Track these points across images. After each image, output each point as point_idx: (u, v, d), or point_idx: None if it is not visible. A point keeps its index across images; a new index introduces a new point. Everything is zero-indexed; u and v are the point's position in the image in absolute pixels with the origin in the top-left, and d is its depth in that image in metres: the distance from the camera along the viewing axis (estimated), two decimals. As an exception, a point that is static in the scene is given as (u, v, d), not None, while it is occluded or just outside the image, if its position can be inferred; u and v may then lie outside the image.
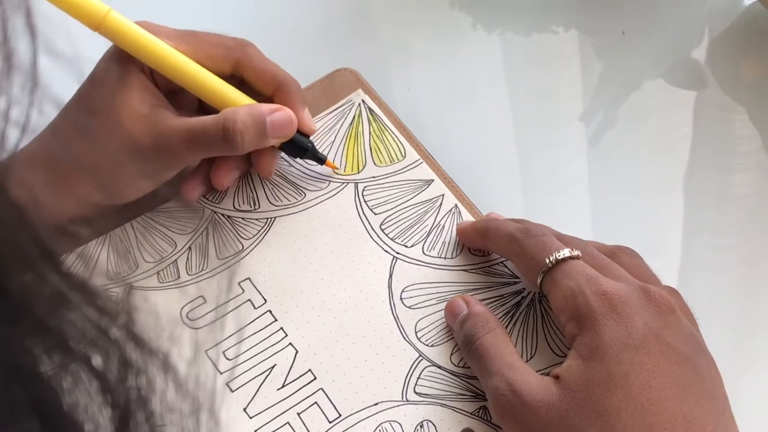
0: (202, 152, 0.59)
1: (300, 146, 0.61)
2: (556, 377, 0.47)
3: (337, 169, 0.63)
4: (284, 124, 0.59)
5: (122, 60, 0.58)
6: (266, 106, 0.59)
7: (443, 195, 0.61)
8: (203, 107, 0.62)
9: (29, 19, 0.23)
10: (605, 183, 0.65)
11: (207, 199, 0.63)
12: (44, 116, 0.24)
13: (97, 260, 0.60)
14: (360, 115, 0.66)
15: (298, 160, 0.63)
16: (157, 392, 0.27)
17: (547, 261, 0.51)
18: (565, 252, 0.51)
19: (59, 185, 0.57)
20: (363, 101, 0.66)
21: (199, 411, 0.29)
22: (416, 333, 0.56)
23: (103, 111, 0.58)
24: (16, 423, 0.23)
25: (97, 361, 0.25)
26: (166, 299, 0.58)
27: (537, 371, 0.50)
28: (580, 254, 0.51)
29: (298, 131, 0.61)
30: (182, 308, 0.58)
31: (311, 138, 0.62)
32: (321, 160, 0.62)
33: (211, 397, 0.29)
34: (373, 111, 0.66)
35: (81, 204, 0.58)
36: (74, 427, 0.25)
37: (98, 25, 0.56)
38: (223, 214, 0.62)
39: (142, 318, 0.26)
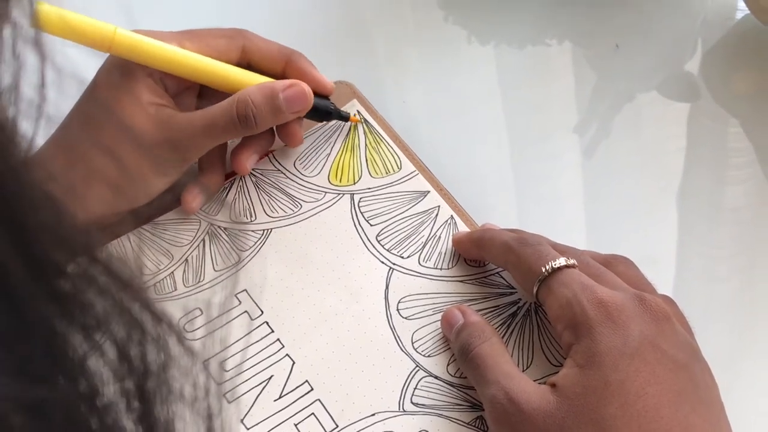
0: (220, 136, 0.60)
1: (324, 111, 0.63)
2: (553, 385, 0.47)
3: (360, 122, 0.66)
4: (298, 98, 0.61)
5: (127, 69, 0.59)
6: (279, 83, 0.61)
7: (439, 206, 0.62)
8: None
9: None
10: (600, 194, 0.65)
11: (203, 210, 0.63)
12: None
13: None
14: (355, 127, 0.66)
15: (295, 167, 0.64)
16: (175, 364, 0.27)
17: (543, 270, 0.51)
18: (561, 261, 0.51)
19: (71, 192, 0.57)
20: (358, 112, 0.66)
21: (209, 395, 0.29)
22: (413, 343, 0.56)
23: (112, 116, 0.59)
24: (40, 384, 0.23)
25: (120, 335, 0.25)
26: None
27: (533, 381, 0.50)
28: (576, 263, 0.51)
29: (318, 95, 0.62)
30: (179, 320, 0.58)
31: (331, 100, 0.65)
32: (345, 118, 0.65)
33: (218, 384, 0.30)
34: (368, 122, 0.66)
35: (95, 209, 0.58)
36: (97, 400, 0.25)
37: (109, 47, 0.58)
38: (219, 226, 0.62)
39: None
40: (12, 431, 0.22)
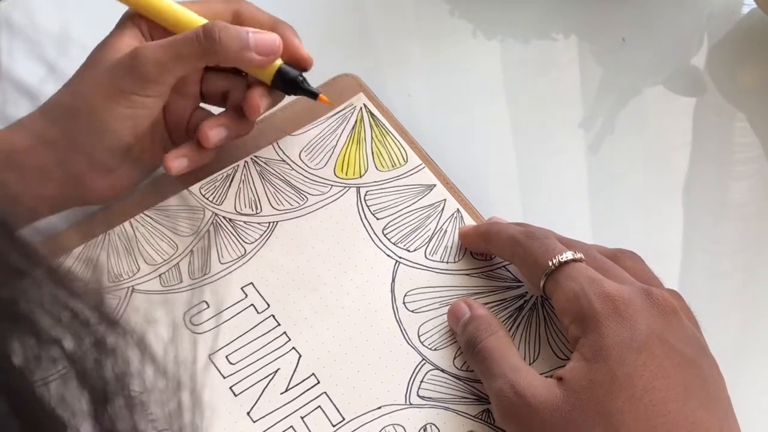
0: (182, 60, 0.58)
1: (290, 79, 0.62)
2: (560, 379, 0.47)
3: (332, 104, 0.64)
4: (268, 41, 0.60)
5: (121, 20, 0.61)
6: (249, 28, 0.60)
7: (445, 200, 0.62)
8: (205, 97, 0.64)
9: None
10: (605, 189, 0.65)
11: (207, 199, 0.63)
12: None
13: (98, 261, 0.60)
14: (362, 119, 0.66)
15: (300, 159, 0.64)
16: (134, 373, 0.27)
17: (550, 263, 0.51)
18: (568, 254, 0.51)
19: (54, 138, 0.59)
20: (364, 105, 0.66)
21: (179, 391, 0.29)
22: (419, 337, 0.56)
23: (91, 57, 0.60)
24: None
25: (69, 344, 0.25)
26: (169, 303, 0.59)
27: (541, 374, 0.50)
28: (583, 257, 0.51)
29: (289, 64, 0.62)
30: (185, 313, 0.58)
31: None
32: (314, 94, 0.62)
33: (192, 377, 0.29)
34: (374, 115, 0.66)
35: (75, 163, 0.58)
36: (48, 415, 0.25)
37: None
38: (224, 217, 0.62)
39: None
40: None
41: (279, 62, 0.61)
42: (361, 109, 0.66)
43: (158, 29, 0.62)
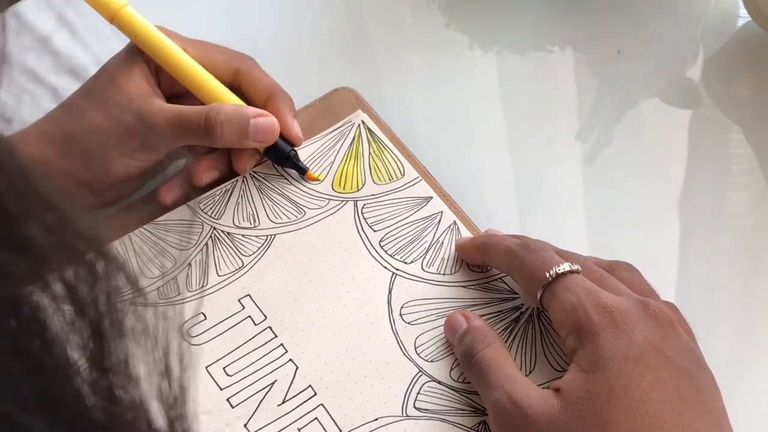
0: (184, 137, 0.61)
1: (282, 153, 0.63)
2: (557, 390, 0.47)
3: (318, 180, 0.64)
4: (266, 128, 0.62)
5: (132, 54, 0.63)
6: (252, 110, 0.62)
7: (442, 212, 0.62)
8: None
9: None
10: (601, 200, 0.66)
11: (206, 214, 0.63)
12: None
13: None
14: (360, 135, 0.66)
15: (297, 175, 0.64)
16: (129, 307, 0.27)
17: (547, 275, 0.51)
18: (565, 266, 0.51)
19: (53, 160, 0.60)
20: (363, 122, 0.66)
21: (168, 340, 0.29)
22: (416, 348, 0.56)
23: (99, 90, 0.62)
24: None
25: (67, 271, 0.25)
26: (166, 316, 0.58)
27: (537, 386, 0.50)
28: (580, 268, 0.51)
29: (284, 138, 0.63)
30: (182, 325, 0.58)
31: (299, 149, 0.65)
32: (302, 170, 0.64)
33: (179, 330, 0.30)
34: (372, 131, 0.66)
35: (68, 179, 0.59)
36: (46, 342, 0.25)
37: (113, 17, 0.62)
38: (222, 231, 0.62)
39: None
40: None
41: None
42: (359, 125, 0.66)
43: (165, 73, 0.64)
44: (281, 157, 0.64)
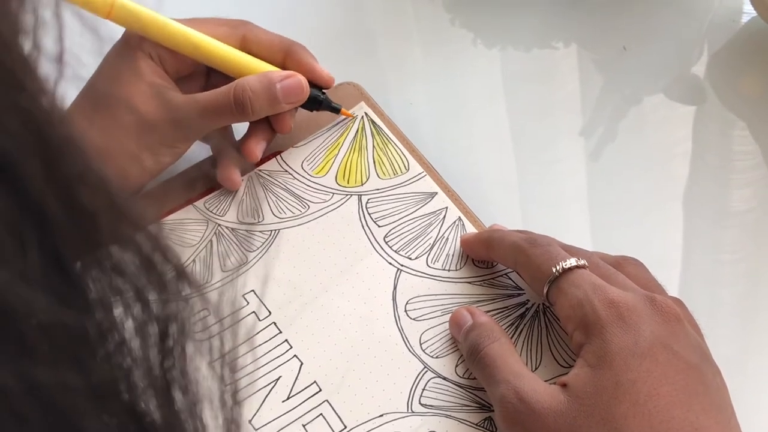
0: (216, 120, 0.61)
1: (314, 98, 0.63)
2: (564, 385, 0.47)
3: (351, 116, 0.66)
4: (295, 89, 0.62)
5: (129, 50, 0.61)
6: (276, 73, 0.62)
7: (447, 207, 0.62)
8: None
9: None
10: (606, 197, 0.65)
11: (211, 212, 0.63)
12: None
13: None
14: (363, 128, 0.66)
15: (302, 168, 0.64)
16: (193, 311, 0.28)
17: (554, 270, 0.51)
18: (572, 261, 0.51)
19: None
20: (366, 114, 0.66)
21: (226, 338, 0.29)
22: (421, 345, 0.56)
23: (114, 96, 0.61)
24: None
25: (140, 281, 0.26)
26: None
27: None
28: (587, 264, 0.51)
29: (314, 85, 0.63)
30: (205, 316, 0.57)
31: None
32: (336, 109, 0.65)
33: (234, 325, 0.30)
34: (376, 124, 0.66)
35: None
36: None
37: (108, 12, 0.59)
38: (227, 227, 0.62)
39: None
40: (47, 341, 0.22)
41: None
42: (362, 118, 0.66)
43: (165, 50, 0.62)
44: (314, 103, 0.64)
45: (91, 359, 0.24)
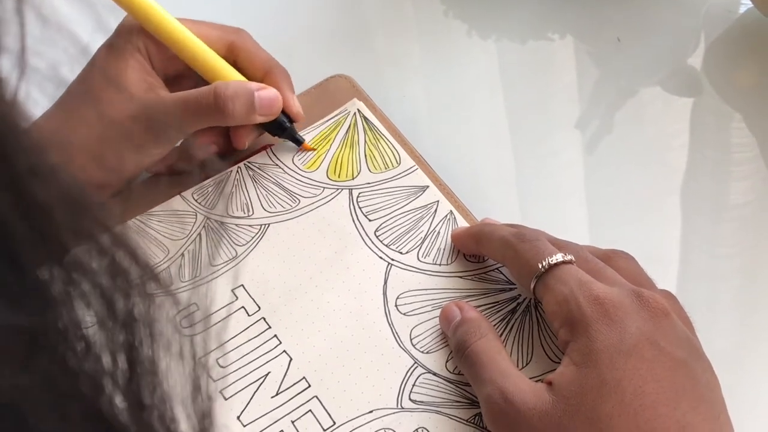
0: (196, 121, 0.61)
1: (279, 124, 0.63)
2: (549, 384, 0.47)
3: (314, 150, 0.64)
4: (271, 101, 0.61)
5: (121, 43, 0.61)
6: (254, 84, 0.61)
7: (438, 201, 0.61)
8: None
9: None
10: (601, 190, 0.65)
11: (200, 204, 0.62)
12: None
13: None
14: (355, 124, 0.65)
15: (293, 163, 0.64)
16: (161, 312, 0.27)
17: (540, 266, 0.50)
18: (558, 257, 0.50)
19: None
20: (358, 110, 0.66)
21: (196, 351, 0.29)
22: (411, 340, 0.56)
23: (99, 88, 0.61)
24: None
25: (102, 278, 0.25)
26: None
27: (533, 378, 0.49)
28: (574, 259, 0.51)
29: (283, 113, 0.63)
30: (175, 315, 0.57)
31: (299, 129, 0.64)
32: (299, 141, 0.64)
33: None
34: (368, 119, 0.65)
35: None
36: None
37: None
38: (216, 221, 0.62)
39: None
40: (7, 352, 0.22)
41: None
42: (354, 113, 0.66)
43: (155, 44, 0.62)
44: (278, 128, 0.63)
45: (49, 361, 0.24)
